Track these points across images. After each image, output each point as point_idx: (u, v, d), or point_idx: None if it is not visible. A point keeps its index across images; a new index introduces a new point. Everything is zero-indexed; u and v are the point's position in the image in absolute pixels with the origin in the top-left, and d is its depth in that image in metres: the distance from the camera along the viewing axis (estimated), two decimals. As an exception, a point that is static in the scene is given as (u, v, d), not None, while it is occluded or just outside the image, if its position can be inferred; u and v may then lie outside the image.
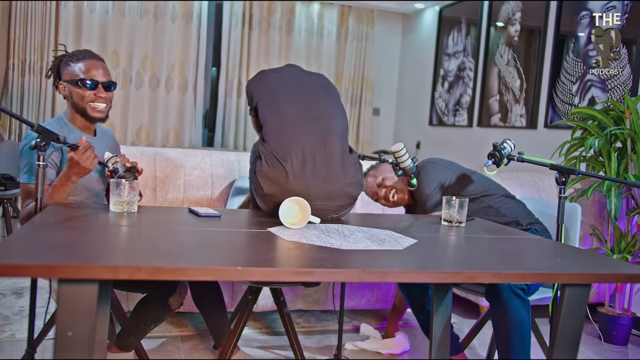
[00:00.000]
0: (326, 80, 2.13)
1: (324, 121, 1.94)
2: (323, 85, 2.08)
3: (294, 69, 2.14)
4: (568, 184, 2.07)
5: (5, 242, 1.21)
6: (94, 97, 1.94)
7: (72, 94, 1.96)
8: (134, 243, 1.45)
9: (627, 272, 1.45)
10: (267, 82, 2.01)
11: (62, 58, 2.00)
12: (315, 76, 2.13)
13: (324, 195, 1.85)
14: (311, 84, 2.06)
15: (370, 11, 6.30)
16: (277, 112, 1.92)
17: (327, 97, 2.04)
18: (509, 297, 1.93)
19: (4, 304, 2.87)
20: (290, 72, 2.08)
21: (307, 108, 1.95)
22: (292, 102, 1.95)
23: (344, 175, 1.91)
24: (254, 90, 2.01)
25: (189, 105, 5.73)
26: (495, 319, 1.99)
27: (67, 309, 1.10)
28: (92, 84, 1.93)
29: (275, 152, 1.85)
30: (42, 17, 5.15)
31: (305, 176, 1.84)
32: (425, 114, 5.96)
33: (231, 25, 5.83)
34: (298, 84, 2.03)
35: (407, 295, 2.32)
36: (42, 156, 1.62)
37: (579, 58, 3.92)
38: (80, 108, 1.96)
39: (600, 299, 3.19)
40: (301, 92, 2.00)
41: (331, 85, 2.12)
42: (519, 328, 1.92)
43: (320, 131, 1.91)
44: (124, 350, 2.03)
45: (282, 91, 1.98)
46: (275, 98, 1.95)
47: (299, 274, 1.22)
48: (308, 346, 2.60)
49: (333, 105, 2.02)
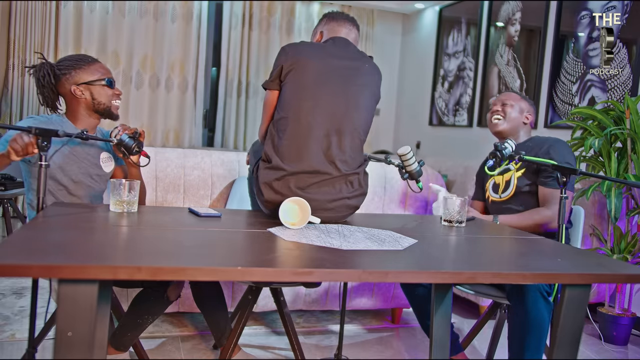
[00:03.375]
0: (371, 71, 1.96)
1: (341, 137, 1.87)
2: (361, 86, 1.92)
3: (337, 51, 1.94)
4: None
5: (5, 242, 1.21)
6: (115, 96, 2.08)
7: (93, 95, 2.04)
8: (134, 243, 1.45)
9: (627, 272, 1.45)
10: (304, 65, 1.85)
11: (58, 64, 2.03)
12: (360, 66, 1.94)
13: (325, 207, 1.85)
14: (348, 86, 1.89)
15: (370, 11, 6.30)
16: (298, 112, 1.84)
17: (358, 107, 1.90)
18: (535, 297, 1.91)
19: (4, 304, 2.87)
20: (333, 62, 1.90)
21: (330, 118, 1.85)
22: (319, 106, 1.85)
23: (348, 189, 1.90)
24: (286, 62, 1.86)
25: (189, 105, 5.73)
26: (515, 317, 1.97)
27: (67, 309, 1.10)
28: (113, 83, 2.08)
29: (282, 163, 1.83)
30: (42, 17, 5.15)
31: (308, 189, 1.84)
32: (425, 114, 5.96)
33: (231, 25, 5.83)
34: (335, 82, 1.87)
35: (410, 297, 2.31)
36: (44, 156, 1.63)
37: (579, 58, 3.92)
38: (104, 107, 2.06)
39: (600, 299, 3.19)
40: (334, 96, 1.86)
41: (372, 80, 1.95)
42: (538, 330, 1.91)
43: (334, 146, 1.86)
44: (119, 349, 2.03)
45: (314, 87, 1.85)
46: (304, 93, 1.85)
47: (299, 274, 1.22)
48: (308, 346, 2.60)
49: (359, 118, 1.91)
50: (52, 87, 2.02)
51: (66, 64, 2.03)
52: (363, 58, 1.98)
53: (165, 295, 1.95)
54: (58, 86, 2.03)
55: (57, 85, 2.02)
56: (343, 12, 2.10)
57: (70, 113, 2.06)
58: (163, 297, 1.95)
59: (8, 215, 3.62)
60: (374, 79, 1.98)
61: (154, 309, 1.98)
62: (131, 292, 2.43)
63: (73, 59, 2.05)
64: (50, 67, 2.01)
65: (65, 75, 2.01)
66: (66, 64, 2.03)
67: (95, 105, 2.04)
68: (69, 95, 2.03)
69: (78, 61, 2.04)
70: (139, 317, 1.98)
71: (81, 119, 2.05)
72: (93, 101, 2.03)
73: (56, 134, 1.66)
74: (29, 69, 2.08)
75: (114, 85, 2.08)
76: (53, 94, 2.04)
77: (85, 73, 2.03)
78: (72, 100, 2.04)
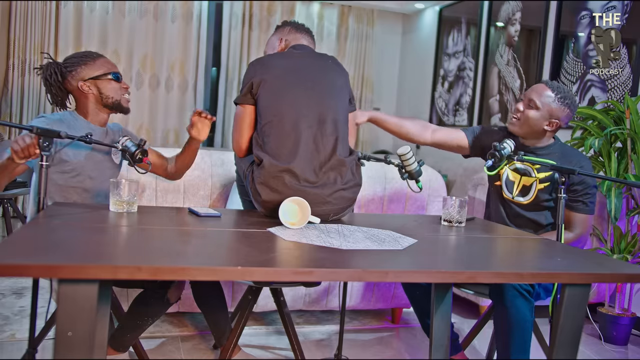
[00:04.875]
0: (335, 67, 2.05)
1: (324, 125, 1.92)
2: (331, 79, 2.01)
3: (300, 54, 2.05)
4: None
5: (5, 242, 1.21)
6: (124, 90, 2.09)
7: (101, 90, 2.04)
8: (134, 243, 1.45)
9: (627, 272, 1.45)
10: (273, 72, 1.94)
11: (65, 62, 2.05)
12: (324, 63, 2.04)
13: (321, 200, 1.86)
14: (319, 79, 1.98)
15: (370, 11, 6.30)
16: (279, 113, 1.90)
17: (332, 96, 1.98)
18: (513, 296, 1.91)
19: (4, 304, 2.87)
20: (299, 61, 2.01)
21: (310, 109, 1.92)
22: (296, 101, 1.91)
23: (341, 180, 1.92)
24: (255, 76, 1.93)
25: (189, 105, 5.73)
26: (497, 317, 1.98)
27: (67, 309, 1.10)
28: (120, 77, 2.08)
29: (274, 161, 1.86)
30: (42, 17, 5.15)
31: (303, 184, 1.85)
32: (425, 114, 5.96)
33: (231, 25, 5.83)
34: (305, 77, 1.96)
35: (410, 296, 2.31)
36: (45, 156, 1.63)
37: (579, 58, 3.92)
38: (113, 101, 2.07)
39: (600, 299, 3.19)
40: (307, 89, 1.94)
41: (339, 74, 2.04)
42: (520, 328, 1.91)
43: (319, 136, 1.91)
44: (118, 350, 2.03)
45: (287, 87, 1.92)
46: (280, 95, 1.92)
47: (299, 274, 1.22)
48: (308, 346, 2.60)
49: (336, 106, 1.98)
50: (59, 85, 2.04)
51: (72, 61, 2.04)
52: (325, 55, 2.09)
53: (166, 297, 1.95)
54: (65, 84, 2.04)
55: (64, 83, 2.04)
56: (304, 24, 2.22)
57: (80, 110, 2.07)
58: (163, 298, 1.95)
59: (8, 215, 3.63)
60: (339, 71, 2.06)
61: (153, 311, 1.98)
62: (131, 292, 2.43)
63: (78, 55, 2.07)
64: (57, 65, 2.03)
65: (72, 72, 2.02)
66: (72, 61, 2.04)
67: (104, 100, 2.05)
68: (77, 91, 2.04)
69: (83, 57, 2.05)
70: (138, 318, 1.98)
71: (91, 114, 2.07)
72: (101, 95, 2.04)
73: (58, 135, 1.66)
74: (37, 69, 2.09)
75: (120, 79, 2.08)
76: (61, 92, 2.06)
77: (91, 68, 2.03)
78: (81, 96, 2.05)
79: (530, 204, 2.29)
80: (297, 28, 2.17)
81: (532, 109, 2.25)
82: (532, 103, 2.25)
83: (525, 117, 2.26)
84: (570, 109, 2.26)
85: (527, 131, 2.28)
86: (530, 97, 2.26)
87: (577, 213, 2.24)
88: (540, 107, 2.23)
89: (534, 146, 2.31)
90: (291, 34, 2.15)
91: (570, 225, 2.25)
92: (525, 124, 2.26)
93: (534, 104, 2.24)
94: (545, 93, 2.24)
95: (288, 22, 2.21)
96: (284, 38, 2.16)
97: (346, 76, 2.08)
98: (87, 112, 2.06)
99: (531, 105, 2.25)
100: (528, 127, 2.27)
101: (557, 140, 2.34)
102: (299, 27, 2.18)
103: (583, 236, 2.26)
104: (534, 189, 2.27)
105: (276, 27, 2.22)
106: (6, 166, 1.77)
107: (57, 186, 1.97)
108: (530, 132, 2.28)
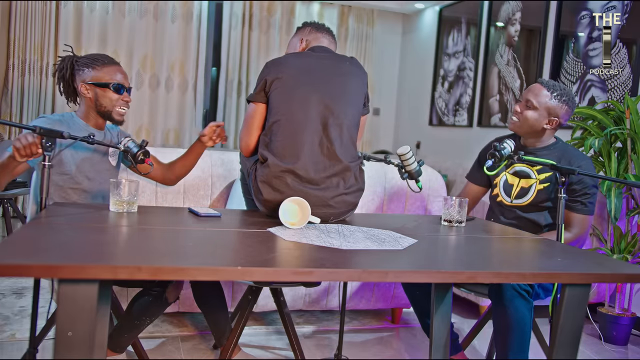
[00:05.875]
0: (352, 70, 2.02)
1: (330, 129, 1.91)
2: (344, 82, 1.98)
3: (317, 55, 2.03)
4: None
5: (5, 242, 1.21)
6: (121, 102, 2.05)
7: (97, 96, 2.02)
8: (134, 243, 1.45)
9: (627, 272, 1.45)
10: (287, 71, 1.93)
11: (77, 60, 2.06)
12: (341, 65, 2.01)
13: (322, 203, 1.86)
14: (332, 81, 1.96)
15: (370, 11, 6.30)
16: (288, 112, 1.89)
17: (343, 100, 1.96)
18: (512, 296, 1.91)
19: (4, 304, 2.87)
20: (314, 62, 1.98)
21: (318, 111, 1.90)
22: (306, 102, 1.90)
23: (344, 184, 1.91)
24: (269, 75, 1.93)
25: (189, 105, 5.73)
26: (496, 317, 1.98)
27: (67, 309, 1.10)
28: (121, 89, 2.04)
29: (278, 160, 1.85)
30: (42, 17, 5.15)
31: (305, 186, 1.85)
32: (425, 114, 5.96)
33: (231, 25, 5.83)
34: (318, 79, 1.95)
35: (410, 296, 2.31)
36: (47, 156, 1.63)
37: (579, 58, 3.92)
38: (105, 111, 2.04)
39: (600, 299, 3.19)
40: (318, 91, 1.92)
41: (354, 77, 2.02)
42: (519, 328, 1.91)
43: (325, 139, 1.90)
44: (115, 351, 2.02)
45: (299, 87, 1.91)
46: (291, 94, 1.91)
47: (299, 274, 1.22)
48: (308, 346, 2.60)
49: (346, 110, 1.95)
50: (68, 81, 2.05)
51: (84, 60, 2.05)
52: (344, 57, 2.07)
53: (164, 297, 1.95)
54: (73, 81, 2.05)
55: (72, 79, 2.05)
56: (324, 24, 2.20)
57: (81, 110, 2.08)
58: (162, 298, 1.94)
59: (8, 215, 3.63)
60: (357, 73, 2.04)
61: (152, 310, 1.98)
62: (131, 292, 2.43)
63: (92, 57, 2.06)
64: (71, 61, 2.04)
65: (79, 71, 2.03)
66: (84, 60, 2.05)
67: (97, 107, 2.04)
68: (79, 91, 2.05)
69: (94, 60, 2.05)
70: (136, 318, 1.97)
71: (90, 117, 2.07)
72: (96, 102, 2.04)
73: (61, 135, 1.66)
74: (59, 60, 2.09)
75: (122, 92, 2.04)
76: (69, 87, 2.07)
77: (96, 73, 2.02)
78: (81, 97, 2.06)
79: (529, 205, 2.29)
80: (318, 28, 2.17)
81: (530, 110, 2.27)
82: (530, 104, 2.27)
83: (524, 118, 2.28)
84: (569, 105, 2.27)
85: (527, 131, 2.30)
86: (527, 98, 2.29)
87: (576, 213, 2.24)
88: (538, 107, 2.25)
89: (534, 147, 2.32)
90: (312, 34, 2.15)
91: (569, 225, 2.25)
92: (525, 124, 2.28)
93: (532, 104, 2.26)
94: (541, 92, 2.27)
95: (308, 22, 2.20)
96: (305, 38, 2.15)
97: (363, 78, 2.06)
98: (87, 114, 2.07)
99: (529, 106, 2.27)
100: (528, 127, 2.28)
101: (558, 140, 2.34)
102: (319, 27, 2.18)
103: (581, 236, 2.26)
104: (533, 190, 2.28)
105: (297, 29, 2.22)
106: (7, 165, 1.77)
107: (57, 187, 1.98)
108: (530, 132, 2.30)
